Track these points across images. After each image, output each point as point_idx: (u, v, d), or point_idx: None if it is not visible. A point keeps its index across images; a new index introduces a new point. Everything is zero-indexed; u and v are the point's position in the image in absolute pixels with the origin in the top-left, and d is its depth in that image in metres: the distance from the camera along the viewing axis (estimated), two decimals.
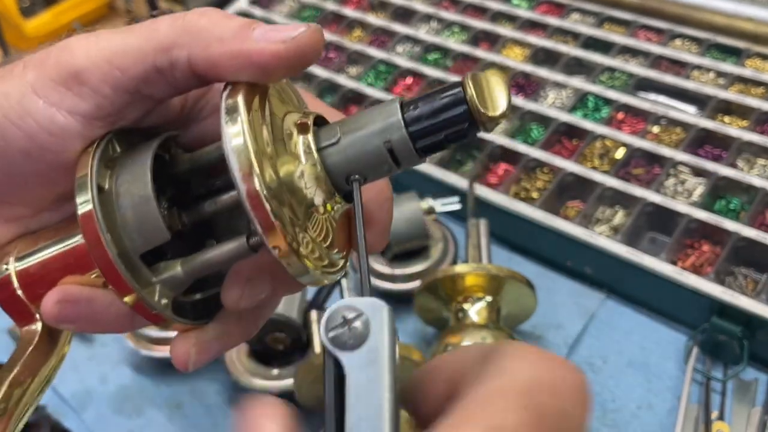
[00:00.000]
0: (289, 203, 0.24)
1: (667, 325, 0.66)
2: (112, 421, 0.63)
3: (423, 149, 0.25)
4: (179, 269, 0.26)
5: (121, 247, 0.25)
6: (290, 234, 0.23)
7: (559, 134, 0.80)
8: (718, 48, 0.88)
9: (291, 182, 0.24)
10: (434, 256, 0.68)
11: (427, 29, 0.99)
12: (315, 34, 0.25)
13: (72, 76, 0.25)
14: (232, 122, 0.23)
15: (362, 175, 0.25)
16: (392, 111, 0.25)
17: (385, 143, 0.24)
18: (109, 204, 0.25)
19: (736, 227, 0.65)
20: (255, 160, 0.22)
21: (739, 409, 0.59)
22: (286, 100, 0.27)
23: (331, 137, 0.25)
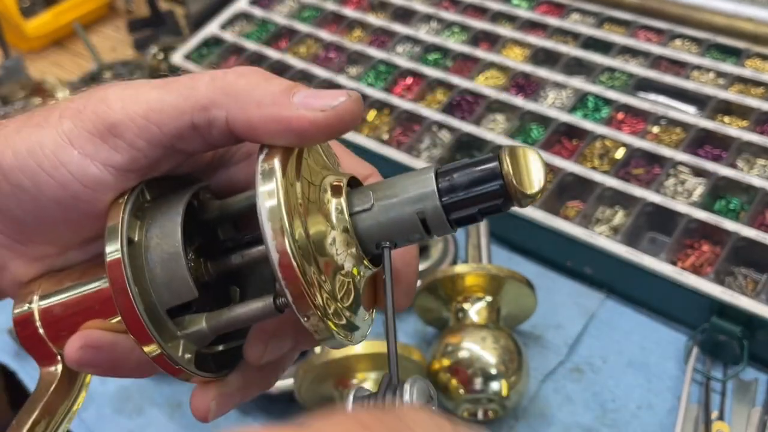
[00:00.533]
0: (318, 266, 0.24)
1: (667, 325, 0.66)
2: (112, 420, 0.63)
3: (456, 221, 0.25)
4: (204, 325, 0.26)
5: (147, 301, 0.25)
6: (319, 301, 0.23)
7: (559, 134, 0.80)
8: (718, 48, 0.88)
9: (322, 245, 0.24)
10: (434, 256, 0.68)
11: (427, 29, 0.99)
12: (355, 104, 0.25)
13: (108, 129, 0.25)
14: (266, 183, 0.23)
15: (392, 241, 0.25)
16: (427, 181, 0.24)
17: (418, 213, 0.24)
18: (137, 257, 0.25)
19: (736, 227, 0.65)
20: (287, 224, 0.22)
21: (739, 409, 0.59)
22: (320, 160, 0.27)
23: (364, 202, 0.25)
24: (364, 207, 0.25)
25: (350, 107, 0.24)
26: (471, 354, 0.55)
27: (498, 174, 0.24)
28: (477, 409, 0.57)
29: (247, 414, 0.62)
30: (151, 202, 0.27)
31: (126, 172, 0.26)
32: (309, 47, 1.00)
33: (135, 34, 1.20)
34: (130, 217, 0.26)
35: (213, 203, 0.28)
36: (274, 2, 1.10)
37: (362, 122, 0.87)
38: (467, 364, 0.55)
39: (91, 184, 0.26)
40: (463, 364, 0.55)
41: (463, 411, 0.58)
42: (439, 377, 0.57)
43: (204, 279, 0.27)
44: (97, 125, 0.25)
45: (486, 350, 0.55)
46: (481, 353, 0.55)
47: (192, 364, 0.26)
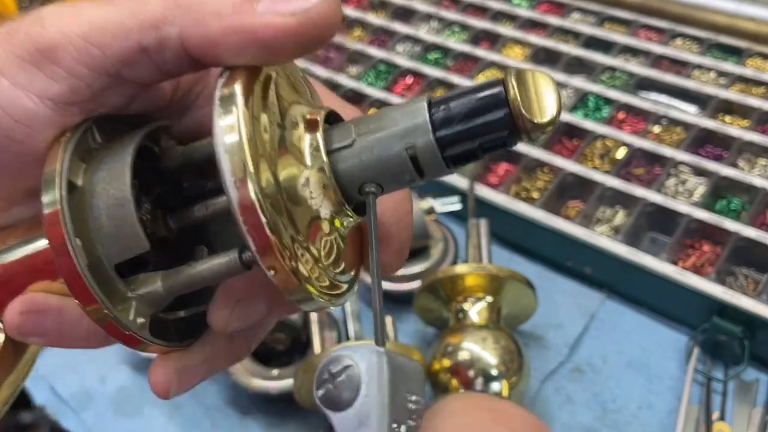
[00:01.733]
0: (290, 215, 0.20)
1: (668, 325, 0.66)
2: (111, 421, 0.63)
3: (452, 158, 0.21)
4: (159, 284, 0.22)
5: (92, 256, 0.21)
6: (289, 253, 0.20)
7: (559, 134, 0.80)
8: (719, 48, 0.88)
9: (293, 190, 0.21)
10: (434, 256, 0.68)
11: (428, 29, 0.99)
12: (332, 5, 0.20)
13: (43, 54, 0.21)
14: (225, 114, 0.19)
15: (379, 184, 0.21)
16: (418, 111, 0.21)
17: (408, 149, 0.21)
18: (81, 204, 0.22)
19: (737, 227, 0.65)
20: (250, 163, 0.19)
21: (740, 410, 0.59)
22: (295, 90, 0.23)
23: (344, 138, 0.22)
24: (343, 143, 0.21)
25: (326, 9, 0.20)
26: (471, 354, 0.55)
27: (503, 100, 0.20)
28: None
29: (247, 414, 0.62)
30: (101, 145, 0.23)
31: (66, 104, 0.22)
32: None
33: None
34: (74, 159, 0.22)
35: (175, 149, 0.25)
36: None
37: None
38: (468, 365, 0.55)
39: (25, 120, 0.22)
40: (464, 364, 0.55)
41: None
42: (439, 378, 0.56)
43: (162, 233, 0.23)
44: (29, 49, 0.21)
45: (486, 351, 0.55)
46: (481, 354, 0.55)
47: (146, 330, 0.22)
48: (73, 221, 0.21)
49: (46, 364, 0.67)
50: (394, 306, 0.69)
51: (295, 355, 0.62)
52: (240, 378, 0.60)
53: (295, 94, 0.23)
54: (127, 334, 0.22)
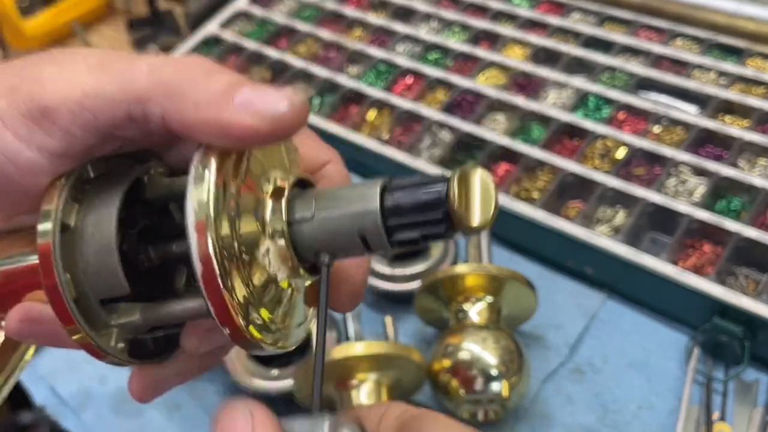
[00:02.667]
0: (248, 275, 0.23)
1: (668, 325, 0.66)
2: (111, 421, 0.63)
3: (397, 243, 0.24)
4: (138, 317, 0.25)
5: (79, 290, 0.24)
6: (242, 313, 0.22)
7: (559, 134, 0.80)
8: (719, 48, 0.88)
9: (252, 251, 0.23)
10: (435, 257, 0.68)
11: (428, 29, 0.99)
12: (301, 111, 0.23)
13: (42, 114, 0.24)
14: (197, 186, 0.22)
15: (332, 254, 0.24)
16: (372, 197, 0.23)
17: (359, 231, 0.23)
18: (72, 243, 0.24)
19: (738, 227, 0.65)
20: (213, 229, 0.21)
21: (740, 410, 0.59)
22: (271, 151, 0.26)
23: (305, 211, 0.24)
24: (304, 216, 0.24)
25: (296, 114, 0.23)
26: (471, 355, 0.55)
27: (443, 200, 0.22)
28: (477, 409, 0.57)
29: None
30: (94, 182, 0.26)
31: (62, 156, 0.25)
32: (309, 46, 1.00)
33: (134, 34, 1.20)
34: (68, 200, 0.24)
35: (162, 181, 0.27)
36: (274, 1, 1.10)
37: (363, 121, 0.87)
38: (468, 365, 0.55)
39: (26, 168, 0.25)
40: (464, 364, 0.55)
41: (464, 412, 0.57)
42: (439, 378, 0.56)
43: (144, 265, 0.26)
44: (30, 108, 0.24)
45: (487, 351, 0.55)
46: (481, 354, 0.55)
47: (125, 353, 0.25)
48: (63, 258, 0.24)
49: (46, 365, 0.67)
50: (394, 306, 0.69)
51: (294, 355, 0.62)
52: (240, 378, 0.60)
53: (270, 156, 0.25)
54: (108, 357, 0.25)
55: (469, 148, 0.81)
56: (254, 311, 0.23)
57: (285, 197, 0.24)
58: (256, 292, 0.23)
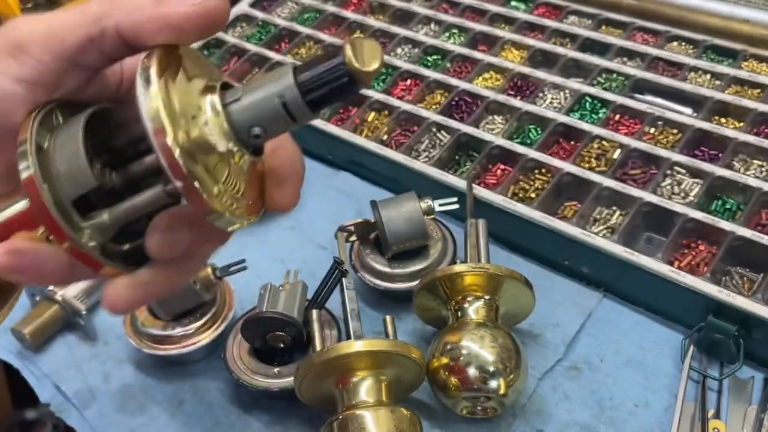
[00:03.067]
0: (199, 154, 0.27)
1: (664, 324, 0.67)
2: (114, 419, 0.63)
3: (312, 102, 0.28)
4: (105, 216, 0.30)
5: (56, 196, 0.28)
6: (198, 178, 0.26)
7: (556, 135, 0.81)
8: (714, 50, 0.89)
9: (200, 137, 0.27)
10: (433, 256, 0.68)
11: (426, 31, 1.00)
12: (221, 2, 0.29)
13: (16, 47, 0.29)
14: (145, 83, 0.26)
15: (263, 128, 0.29)
16: (286, 71, 0.28)
17: (279, 97, 0.28)
18: (46, 160, 0.29)
19: (733, 227, 0.66)
20: (166, 118, 0.26)
21: (735, 408, 0.60)
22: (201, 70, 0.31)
23: (234, 95, 0.29)
24: (234, 98, 0.29)
25: (217, 3, 0.29)
26: (470, 352, 0.56)
27: (341, 59, 0.27)
28: (475, 406, 0.58)
29: (249, 412, 0.63)
30: (62, 121, 0.31)
31: (35, 85, 0.29)
32: (309, 49, 1.01)
33: None
34: (41, 129, 0.29)
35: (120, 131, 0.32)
36: (275, 4, 1.11)
37: (362, 123, 0.87)
38: (466, 363, 0.56)
39: (4, 98, 0.29)
40: (462, 362, 0.56)
41: (462, 409, 0.58)
42: (437, 375, 0.57)
43: (108, 184, 0.30)
44: (7, 45, 0.29)
45: (484, 349, 0.56)
46: (479, 352, 0.56)
47: (98, 251, 0.30)
48: (42, 172, 0.28)
49: (51, 364, 0.67)
50: (393, 305, 0.70)
51: (296, 352, 0.63)
52: (242, 376, 0.60)
53: (199, 70, 0.31)
54: (83, 253, 0.29)
55: (467, 149, 0.82)
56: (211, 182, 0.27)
57: (217, 90, 0.29)
58: (211, 170, 0.27)
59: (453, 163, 0.81)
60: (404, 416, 0.53)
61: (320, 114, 0.30)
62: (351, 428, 0.52)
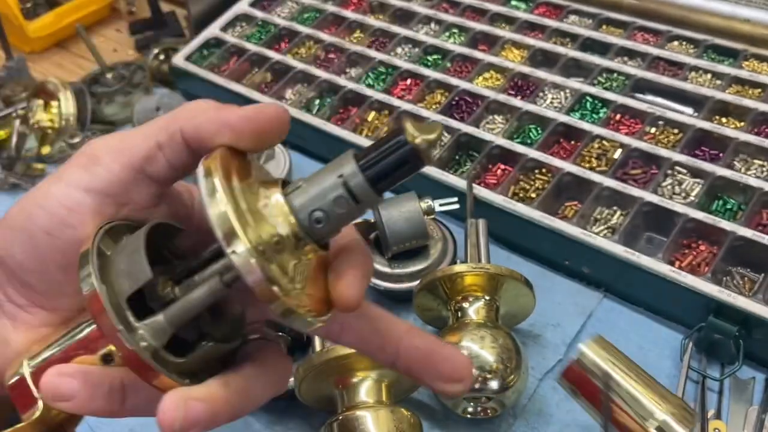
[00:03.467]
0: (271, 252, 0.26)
1: (665, 324, 0.67)
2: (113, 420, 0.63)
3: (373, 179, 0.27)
4: (161, 316, 0.28)
5: (112, 295, 0.27)
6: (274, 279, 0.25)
7: (557, 135, 0.80)
8: (715, 49, 0.89)
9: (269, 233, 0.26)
10: (433, 256, 0.68)
11: (427, 31, 1.00)
12: (278, 107, 0.29)
13: (89, 159, 0.30)
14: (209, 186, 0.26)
15: (324, 211, 0.27)
16: (347, 156, 0.27)
17: (339, 177, 0.27)
18: (108, 265, 0.28)
19: (733, 227, 0.66)
20: (235, 219, 0.25)
21: (736, 408, 0.60)
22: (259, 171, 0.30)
23: (295, 185, 0.28)
24: (295, 187, 0.28)
25: (275, 109, 0.29)
26: (470, 353, 0.56)
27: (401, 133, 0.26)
28: (476, 407, 0.58)
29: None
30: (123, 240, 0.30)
31: (104, 195, 0.30)
32: (309, 48, 1.01)
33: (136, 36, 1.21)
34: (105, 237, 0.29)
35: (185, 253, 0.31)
36: (275, 4, 1.11)
37: (363, 123, 0.87)
38: None
39: (75, 207, 0.29)
40: None
41: (462, 409, 0.58)
42: None
43: (170, 297, 0.29)
44: (82, 159, 0.30)
45: (485, 349, 0.56)
46: (480, 352, 0.56)
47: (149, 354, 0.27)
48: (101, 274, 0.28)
49: None
50: (393, 305, 0.69)
51: (296, 353, 0.62)
52: None
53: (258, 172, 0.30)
54: (136, 358, 0.27)
55: (467, 149, 0.82)
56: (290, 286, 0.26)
57: (279, 184, 0.28)
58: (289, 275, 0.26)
59: (453, 162, 0.81)
60: (404, 417, 0.53)
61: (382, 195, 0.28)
62: (351, 429, 0.52)
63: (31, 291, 0.31)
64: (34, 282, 0.30)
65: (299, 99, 0.92)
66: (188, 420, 0.26)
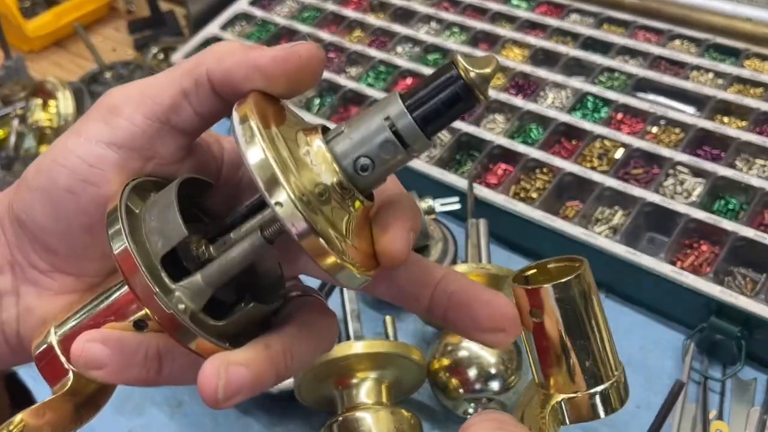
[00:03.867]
0: (316, 201, 0.24)
1: (666, 324, 0.67)
2: (112, 420, 0.63)
3: (423, 119, 0.25)
4: (198, 276, 0.26)
5: (144, 255, 0.25)
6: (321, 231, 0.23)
7: (558, 134, 0.80)
8: (716, 48, 0.88)
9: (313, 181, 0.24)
10: (434, 256, 0.68)
11: (427, 30, 1.00)
12: (311, 46, 0.27)
13: (109, 111, 0.27)
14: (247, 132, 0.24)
15: (370, 157, 0.25)
16: (393, 96, 0.25)
17: (386, 119, 0.25)
18: (137, 223, 0.26)
19: (735, 227, 0.66)
20: (277, 167, 0.23)
21: (738, 409, 0.59)
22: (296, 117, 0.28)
23: (337, 130, 0.26)
24: (338, 132, 0.26)
25: (307, 47, 0.26)
26: (470, 353, 0.56)
27: (453, 68, 0.24)
28: (476, 408, 0.57)
29: (247, 413, 0.63)
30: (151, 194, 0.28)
31: (128, 150, 0.27)
32: None
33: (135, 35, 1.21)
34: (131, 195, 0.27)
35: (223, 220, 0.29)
36: (275, 3, 1.10)
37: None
38: (467, 364, 0.55)
39: (96, 164, 0.27)
40: (463, 363, 0.56)
41: (463, 410, 0.58)
42: (438, 377, 0.57)
43: (205, 256, 0.27)
44: (101, 111, 0.28)
45: (485, 350, 0.56)
46: (480, 353, 0.56)
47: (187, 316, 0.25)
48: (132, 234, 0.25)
49: None
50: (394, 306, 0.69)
51: None
52: None
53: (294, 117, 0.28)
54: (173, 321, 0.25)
55: (468, 148, 0.82)
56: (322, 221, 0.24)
57: (319, 130, 0.26)
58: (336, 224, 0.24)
59: (454, 162, 0.81)
60: (405, 418, 0.53)
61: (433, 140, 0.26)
62: (351, 429, 0.52)
63: (54, 255, 0.28)
64: (57, 245, 0.28)
65: (299, 98, 0.92)
66: (231, 386, 0.24)
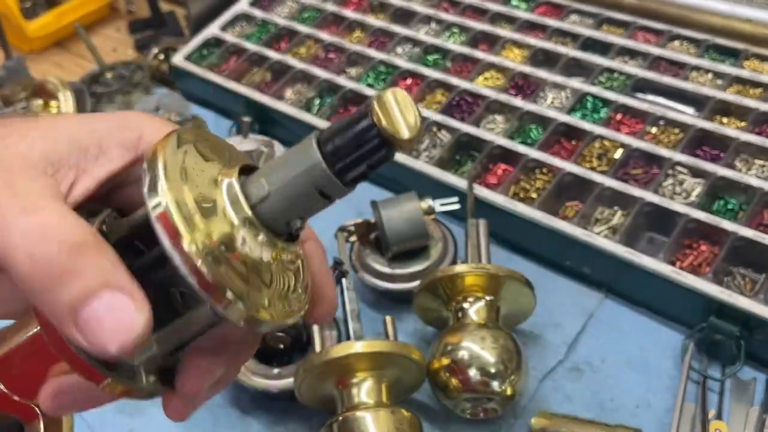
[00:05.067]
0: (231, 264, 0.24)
1: (666, 324, 0.67)
2: (113, 419, 0.63)
3: (350, 182, 0.25)
4: (153, 346, 0.26)
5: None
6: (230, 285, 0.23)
7: (557, 135, 0.80)
8: (716, 49, 0.88)
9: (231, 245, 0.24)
10: (434, 256, 0.68)
11: (427, 30, 1.00)
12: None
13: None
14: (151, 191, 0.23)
15: (300, 218, 0.26)
16: (311, 152, 0.25)
17: (314, 186, 0.25)
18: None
19: (734, 227, 0.66)
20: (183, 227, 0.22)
21: (737, 409, 0.59)
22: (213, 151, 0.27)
23: (260, 192, 0.25)
24: (261, 197, 0.25)
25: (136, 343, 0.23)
26: (470, 353, 0.56)
27: (374, 128, 0.24)
28: (476, 408, 0.57)
29: (248, 413, 0.63)
30: None
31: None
32: (309, 48, 1.01)
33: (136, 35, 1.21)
34: None
35: (120, 223, 0.28)
36: (275, 3, 1.11)
37: None
38: (467, 364, 0.56)
39: None
40: (463, 363, 0.56)
41: (463, 410, 0.58)
42: (438, 376, 0.57)
43: None
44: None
45: (485, 350, 0.56)
46: (480, 353, 0.56)
47: (158, 384, 0.27)
48: None
49: None
50: (393, 305, 0.69)
51: (296, 353, 0.62)
52: (241, 376, 0.60)
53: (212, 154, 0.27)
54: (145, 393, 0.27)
55: (468, 149, 0.82)
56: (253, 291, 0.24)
57: (237, 187, 0.25)
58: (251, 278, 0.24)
59: (454, 162, 0.81)
60: (405, 417, 0.53)
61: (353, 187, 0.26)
62: (351, 429, 0.52)
63: None
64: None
65: (299, 98, 0.92)
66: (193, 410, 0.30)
